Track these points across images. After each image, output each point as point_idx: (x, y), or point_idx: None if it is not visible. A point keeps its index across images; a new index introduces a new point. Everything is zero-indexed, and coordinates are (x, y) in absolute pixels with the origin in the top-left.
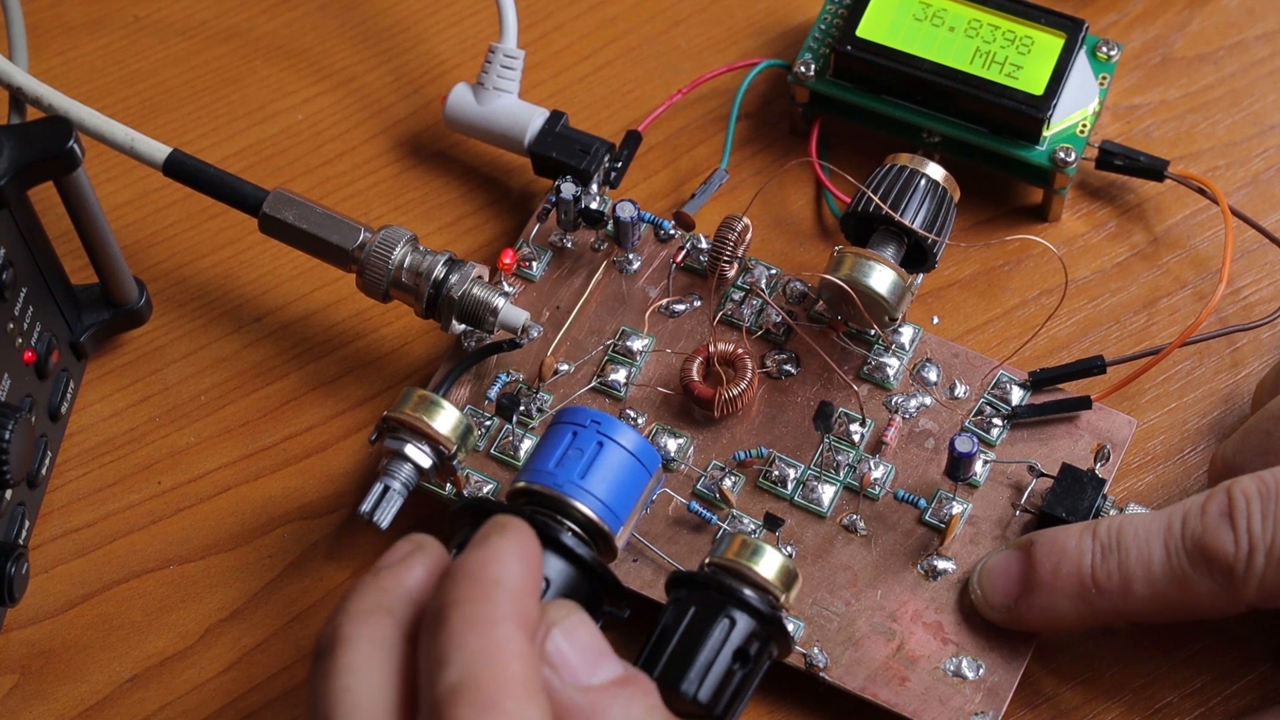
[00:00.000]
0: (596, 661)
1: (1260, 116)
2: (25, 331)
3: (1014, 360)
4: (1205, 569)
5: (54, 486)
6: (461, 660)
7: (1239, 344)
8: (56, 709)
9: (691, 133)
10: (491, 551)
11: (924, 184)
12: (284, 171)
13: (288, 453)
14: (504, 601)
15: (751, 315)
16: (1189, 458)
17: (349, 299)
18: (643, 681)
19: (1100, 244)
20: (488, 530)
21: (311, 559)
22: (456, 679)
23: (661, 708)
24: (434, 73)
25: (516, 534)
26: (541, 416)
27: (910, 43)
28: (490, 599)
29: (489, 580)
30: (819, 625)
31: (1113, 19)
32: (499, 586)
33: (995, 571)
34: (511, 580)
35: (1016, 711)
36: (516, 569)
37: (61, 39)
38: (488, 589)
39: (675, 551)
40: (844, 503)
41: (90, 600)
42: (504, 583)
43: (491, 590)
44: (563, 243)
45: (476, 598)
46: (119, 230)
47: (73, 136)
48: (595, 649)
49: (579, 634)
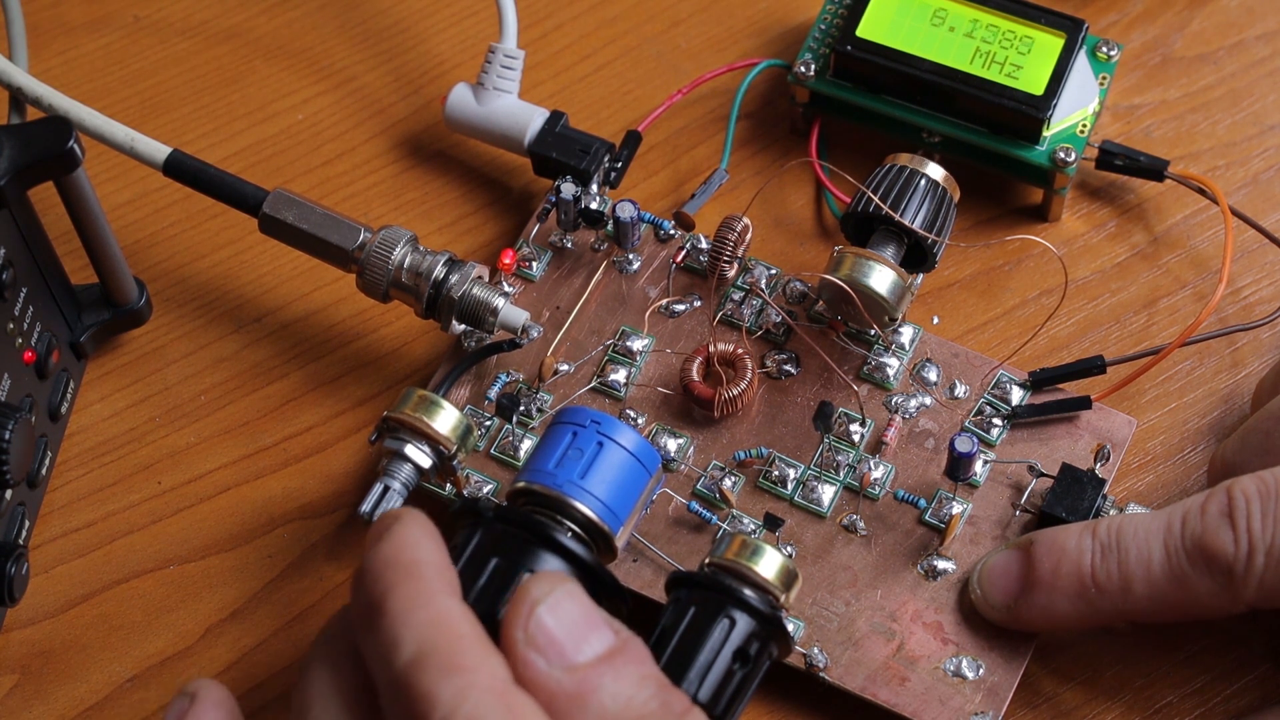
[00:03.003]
0: (585, 636)
1: (1260, 116)
2: (25, 331)
3: (1014, 360)
4: (1205, 569)
5: (54, 486)
6: (412, 636)
7: (1239, 344)
8: (56, 709)
9: (691, 133)
10: (399, 538)
11: (924, 184)
12: (284, 171)
13: (288, 453)
14: (431, 576)
15: (751, 315)
16: (1189, 458)
17: (349, 299)
18: (634, 648)
19: (1100, 244)
20: (385, 522)
21: (311, 559)
22: (412, 653)
23: (655, 675)
24: (434, 73)
25: (414, 519)
26: (541, 416)
27: (910, 43)
28: (419, 576)
29: (410, 561)
30: (819, 625)
31: (1113, 19)
32: (423, 564)
33: (995, 571)
34: (430, 557)
35: (1016, 711)
36: (428, 546)
37: (61, 39)
38: (412, 569)
39: (675, 551)
40: (844, 503)
41: (90, 600)
42: (426, 560)
43: (416, 569)
44: (563, 243)
45: (405, 579)
46: (119, 230)
47: (73, 136)
48: (583, 621)
49: (564, 609)
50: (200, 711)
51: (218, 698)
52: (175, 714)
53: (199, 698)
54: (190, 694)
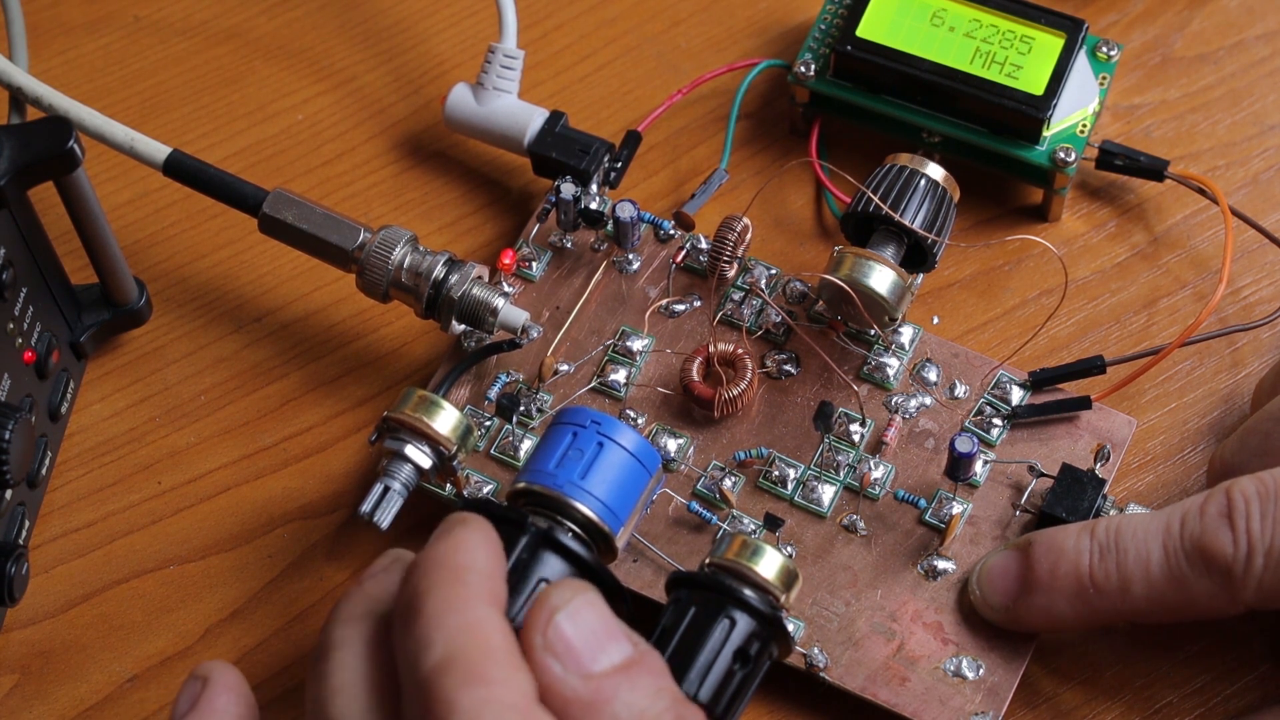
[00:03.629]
0: (602, 645)
1: (1260, 116)
2: (25, 331)
3: (1014, 360)
4: (1204, 570)
5: (54, 486)
6: (443, 639)
7: (1239, 344)
8: (56, 709)
9: (691, 133)
10: (455, 540)
11: (924, 184)
12: (284, 171)
13: (288, 453)
14: (476, 583)
15: (751, 315)
16: (1189, 458)
17: (349, 299)
18: (651, 661)
19: (1100, 244)
20: (449, 524)
21: (311, 559)
22: (440, 657)
23: (670, 688)
24: (434, 73)
25: (478, 525)
26: (541, 417)
27: (910, 43)
28: (462, 581)
29: (458, 565)
30: (819, 625)
31: (1113, 19)
32: (470, 570)
33: (994, 572)
34: (480, 564)
35: (1016, 711)
36: (483, 554)
37: (61, 39)
38: (459, 573)
39: (675, 552)
40: (844, 503)
41: (90, 600)
42: (473, 567)
43: (463, 574)
44: (562, 243)
45: (449, 581)
46: (119, 230)
47: (73, 136)
48: (601, 631)
49: (583, 617)
50: (212, 696)
51: (230, 681)
52: (187, 699)
53: (211, 681)
54: (202, 677)
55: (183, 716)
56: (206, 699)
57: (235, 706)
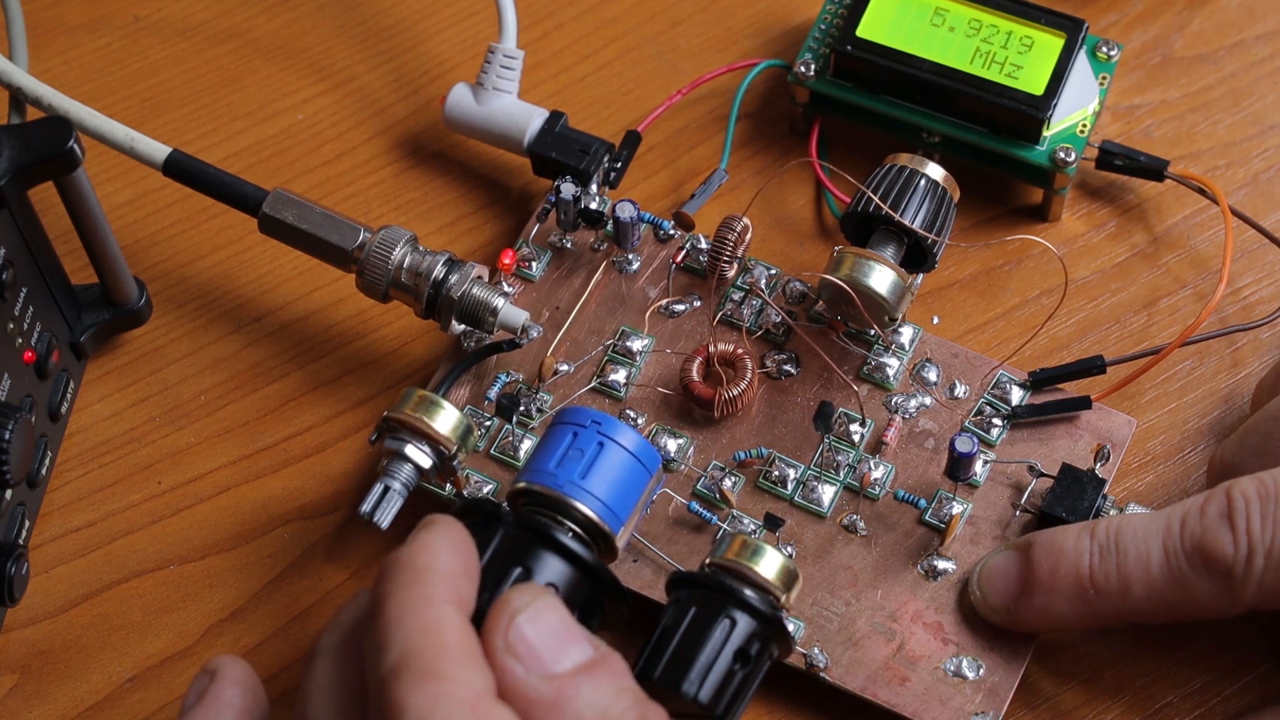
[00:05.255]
0: (563, 647)
1: (1260, 116)
2: (25, 331)
3: (1014, 360)
4: (1204, 570)
5: (54, 486)
6: (399, 640)
7: (1239, 344)
8: (56, 709)
9: (691, 133)
10: (419, 543)
11: (924, 184)
12: (284, 171)
13: (288, 453)
14: (436, 583)
15: (751, 315)
16: (1189, 458)
17: (349, 299)
18: (612, 662)
19: (1100, 244)
20: (418, 528)
21: (311, 559)
22: (396, 657)
23: (632, 688)
24: (434, 73)
25: (445, 526)
26: (541, 417)
27: (910, 43)
28: (422, 582)
29: (419, 567)
30: (819, 625)
31: (1113, 19)
32: (430, 571)
33: (994, 572)
34: (442, 565)
35: (1016, 711)
36: (446, 555)
37: (61, 39)
38: (419, 574)
39: (675, 552)
40: (844, 503)
41: (90, 600)
42: (434, 568)
43: (423, 575)
44: (562, 243)
45: (409, 583)
46: (119, 230)
47: (73, 136)
48: (562, 633)
49: (544, 619)
50: (219, 689)
51: (237, 675)
52: (196, 693)
53: (220, 675)
54: (211, 671)
55: (190, 709)
56: (213, 692)
57: (241, 699)
